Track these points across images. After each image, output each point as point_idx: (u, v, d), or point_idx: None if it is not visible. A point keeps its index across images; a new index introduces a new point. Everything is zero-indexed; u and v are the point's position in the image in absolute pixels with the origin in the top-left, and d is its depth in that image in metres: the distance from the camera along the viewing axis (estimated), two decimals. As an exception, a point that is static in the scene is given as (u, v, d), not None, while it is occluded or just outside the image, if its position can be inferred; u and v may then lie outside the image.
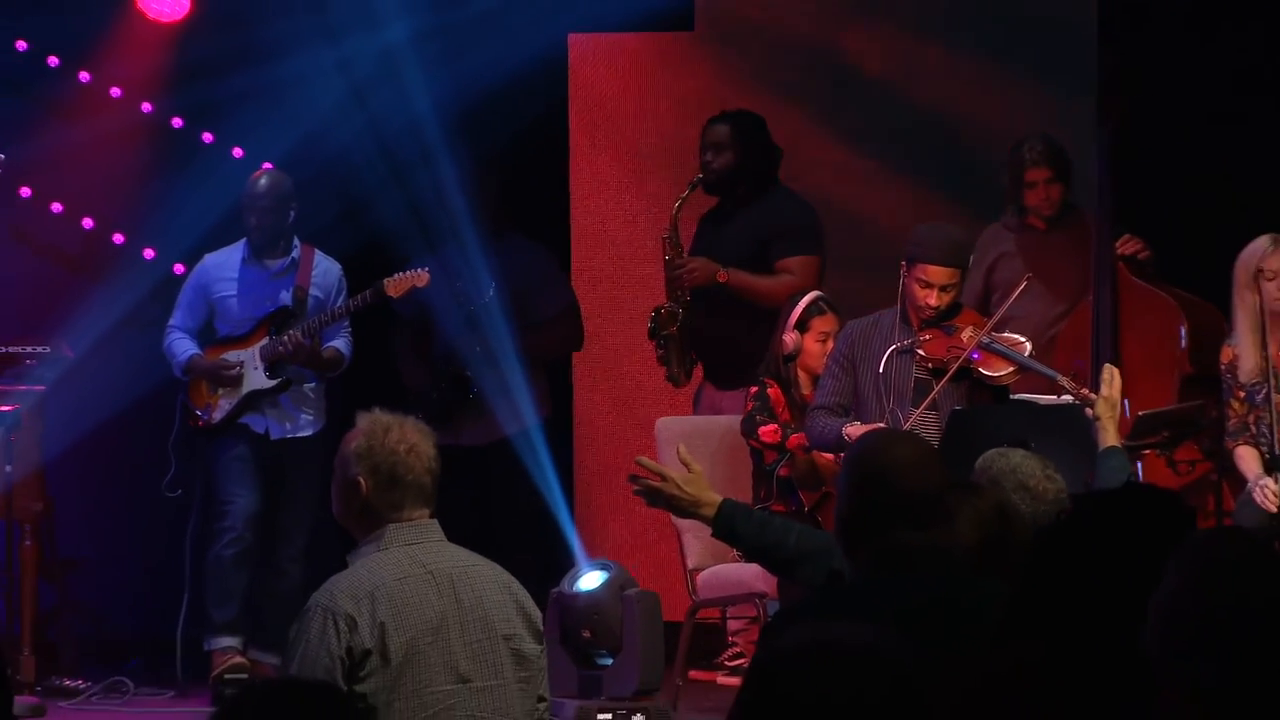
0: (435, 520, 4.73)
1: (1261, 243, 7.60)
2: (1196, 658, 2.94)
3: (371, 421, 4.74)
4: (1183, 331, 8.09)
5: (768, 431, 7.94)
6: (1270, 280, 7.56)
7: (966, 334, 7.51)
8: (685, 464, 4.96)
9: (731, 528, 4.87)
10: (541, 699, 4.81)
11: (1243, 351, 7.65)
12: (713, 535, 4.94)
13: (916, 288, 7.51)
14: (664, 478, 4.91)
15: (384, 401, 8.75)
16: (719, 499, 4.87)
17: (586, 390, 9.65)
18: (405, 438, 4.69)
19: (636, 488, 4.96)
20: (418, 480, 4.67)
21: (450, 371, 9.02)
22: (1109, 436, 5.94)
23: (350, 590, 4.49)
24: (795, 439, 7.81)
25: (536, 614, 4.80)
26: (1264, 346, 7.62)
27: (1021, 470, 4.98)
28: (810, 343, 7.92)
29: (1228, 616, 2.93)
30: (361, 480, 4.65)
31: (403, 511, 4.66)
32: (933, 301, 7.48)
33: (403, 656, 4.53)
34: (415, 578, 4.61)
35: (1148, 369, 8.06)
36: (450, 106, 8.86)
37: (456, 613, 4.64)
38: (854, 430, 7.50)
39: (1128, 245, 8.20)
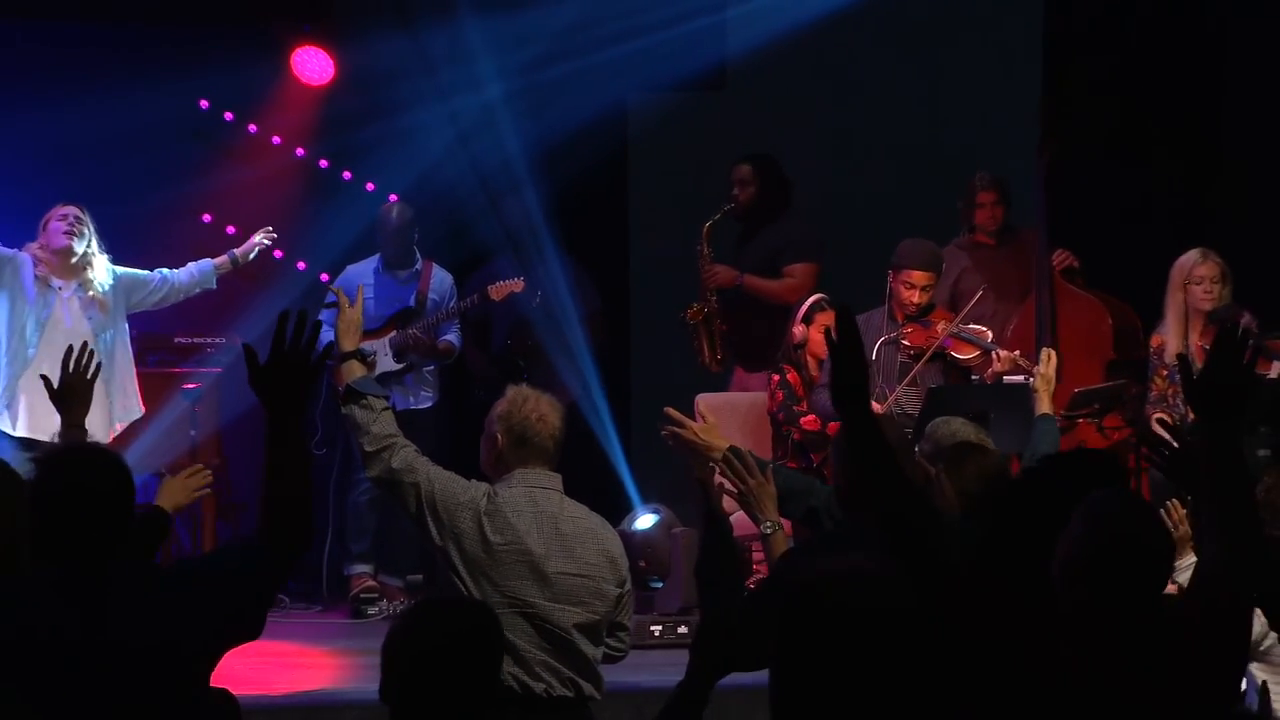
0: (558, 475, 5.06)
1: (1193, 255, 8.19)
2: (1086, 582, 3.26)
3: (515, 392, 5.08)
4: (1108, 326, 8.64)
5: (809, 421, 8.21)
6: (1197, 285, 8.14)
7: (940, 326, 8.17)
8: (703, 416, 5.28)
9: None
10: (622, 626, 5.11)
11: (1170, 338, 8.20)
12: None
13: (902, 289, 8.14)
14: (685, 426, 5.12)
15: (454, 385, 9.42)
16: (726, 444, 5.04)
17: (642, 370, 10.13)
18: (538, 408, 5.03)
19: (664, 432, 5.13)
20: (542, 443, 5.03)
21: (505, 360, 9.29)
22: (1043, 405, 6.25)
23: (484, 488, 5.02)
24: (832, 426, 7.89)
25: (623, 562, 5.07)
26: (1186, 335, 8.16)
27: (960, 434, 5.26)
28: (814, 333, 8.33)
29: (1109, 551, 3.25)
30: (499, 436, 5.05)
31: (528, 464, 5.03)
32: (915, 299, 8.16)
33: (495, 551, 4.91)
34: (526, 513, 4.99)
35: (1080, 356, 8.53)
36: (534, 150, 9.44)
37: (553, 544, 4.97)
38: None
39: (1061, 258, 8.76)
